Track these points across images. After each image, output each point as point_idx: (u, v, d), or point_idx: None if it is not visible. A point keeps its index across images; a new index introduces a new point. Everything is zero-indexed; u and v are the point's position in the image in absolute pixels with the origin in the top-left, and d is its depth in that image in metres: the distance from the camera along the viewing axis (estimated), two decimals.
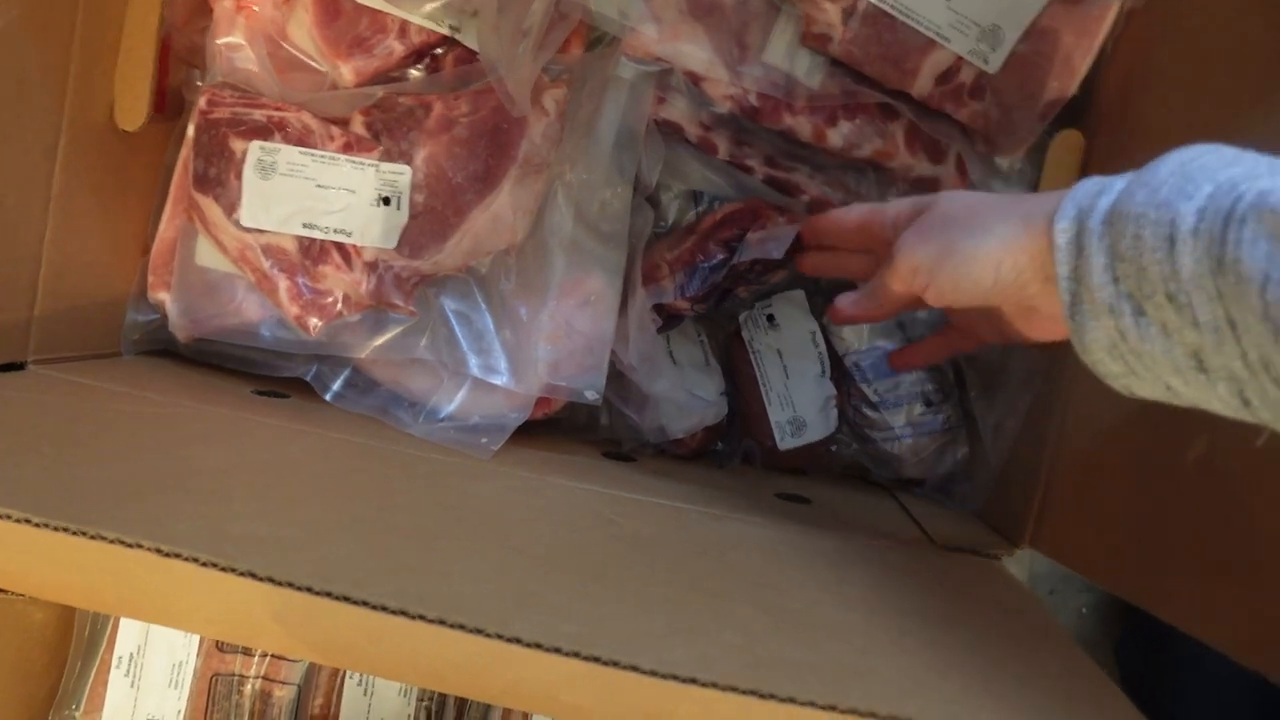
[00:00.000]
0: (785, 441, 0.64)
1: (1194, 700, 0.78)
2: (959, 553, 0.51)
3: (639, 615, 0.36)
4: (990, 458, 0.57)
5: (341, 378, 0.59)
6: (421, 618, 0.32)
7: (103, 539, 0.33)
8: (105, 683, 0.60)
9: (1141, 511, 0.44)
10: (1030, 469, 0.52)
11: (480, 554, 0.39)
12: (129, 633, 0.60)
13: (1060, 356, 0.53)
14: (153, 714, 0.60)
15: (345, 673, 0.64)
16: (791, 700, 0.32)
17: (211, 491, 0.39)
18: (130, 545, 0.32)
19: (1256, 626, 0.37)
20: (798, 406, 0.64)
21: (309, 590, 0.32)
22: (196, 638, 0.60)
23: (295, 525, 0.37)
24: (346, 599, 0.32)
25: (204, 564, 0.32)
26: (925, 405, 0.63)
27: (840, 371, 0.64)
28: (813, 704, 0.32)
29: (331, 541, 0.37)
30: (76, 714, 0.60)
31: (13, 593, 0.54)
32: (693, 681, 0.32)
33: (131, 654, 0.60)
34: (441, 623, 0.32)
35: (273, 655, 0.61)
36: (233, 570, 0.32)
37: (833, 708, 0.32)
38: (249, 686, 0.60)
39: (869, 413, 0.64)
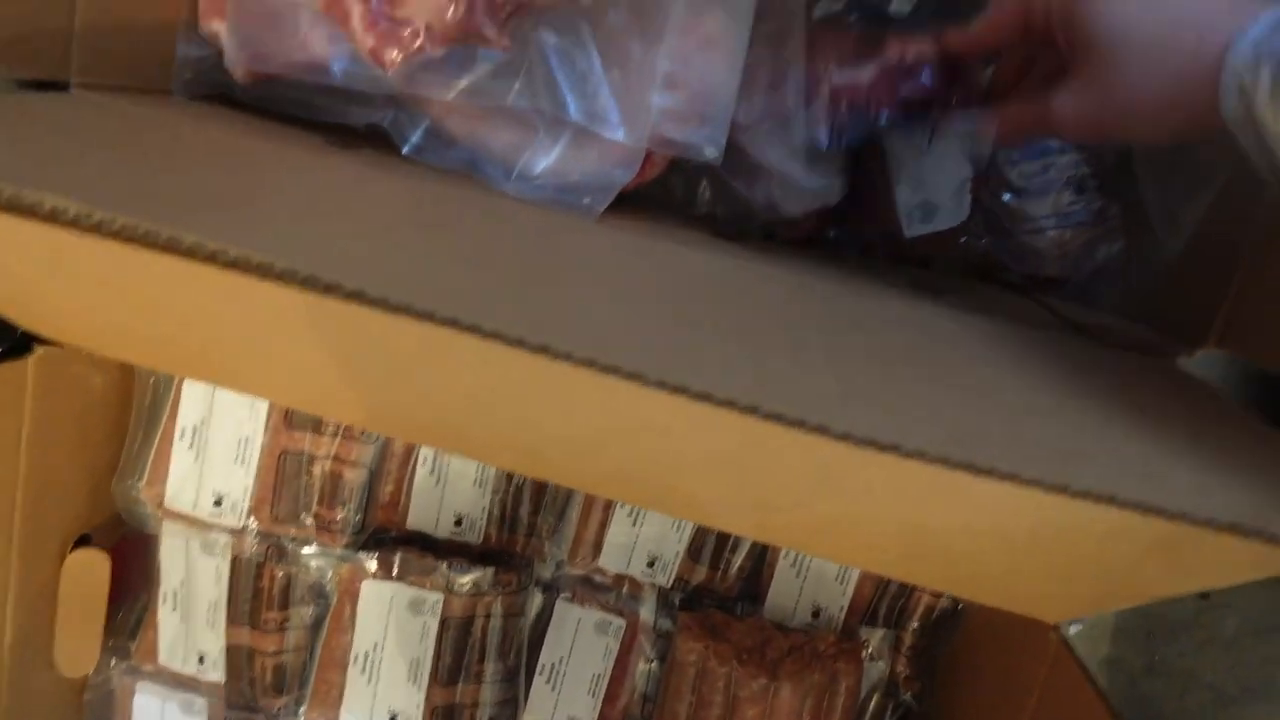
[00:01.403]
0: (913, 228, 0.56)
1: None
2: (1127, 350, 0.44)
3: (806, 376, 0.30)
4: (1165, 248, 0.49)
5: (421, 129, 0.52)
6: (568, 356, 0.26)
7: (177, 247, 0.26)
8: (168, 455, 0.56)
9: None
10: (1221, 257, 0.45)
11: (611, 303, 0.33)
12: (192, 402, 0.56)
13: None
14: (219, 489, 0.57)
15: (417, 460, 0.60)
16: (1014, 477, 0.26)
17: (298, 211, 0.33)
18: (212, 255, 0.26)
19: None
20: (930, 189, 0.56)
21: (430, 318, 0.26)
22: (263, 411, 0.56)
23: (396, 250, 0.31)
24: (476, 329, 0.26)
25: (303, 281, 0.26)
26: (1076, 192, 0.55)
27: None
28: (1039, 482, 0.26)
29: (441, 269, 0.31)
30: (139, 485, 0.57)
31: (68, 346, 0.49)
32: (894, 449, 0.26)
33: (195, 426, 0.56)
34: (592, 364, 0.26)
35: (343, 435, 0.56)
36: (339, 289, 0.26)
37: (1063, 488, 0.26)
38: (319, 467, 0.57)
39: (1009, 199, 0.56)
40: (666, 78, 0.47)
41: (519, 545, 0.61)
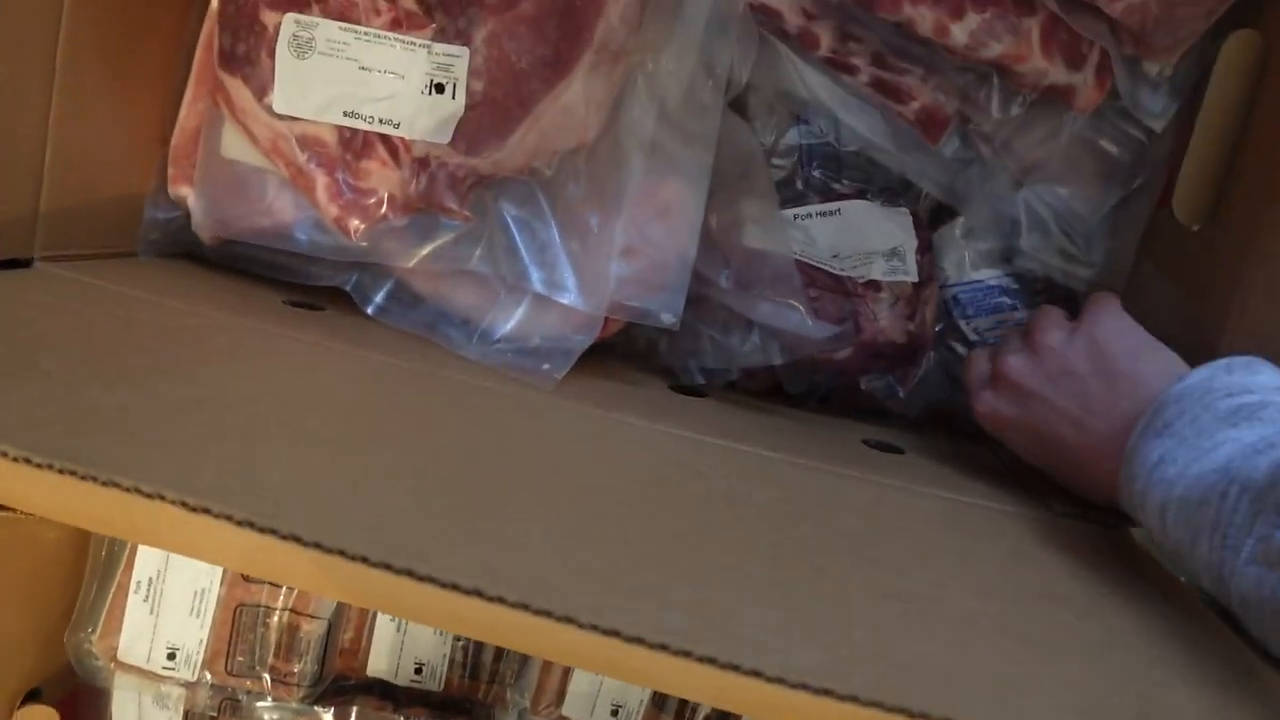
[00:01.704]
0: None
1: None
2: (1079, 521, 0.45)
3: (749, 603, 0.30)
4: None
5: (384, 289, 0.52)
6: (501, 600, 0.26)
7: (117, 486, 0.27)
8: (123, 607, 0.56)
9: None
10: None
11: (557, 517, 0.33)
12: (148, 557, 0.55)
13: (1215, 317, 0.46)
14: (173, 642, 0.56)
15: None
16: None
17: (240, 429, 0.33)
18: (150, 496, 0.27)
19: None
20: None
21: (364, 560, 0.26)
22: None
23: (338, 473, 0.32)
24: (410, 573, 0.26)
25: (239, 522, 0.26)
26: None
27: None
28: None
29: (382, 496, 0.31)
30: (93, 637, 0.56)
31: (22, 512, 0.49)
32: (828, 694, 0.26)
33: (151, 579, 0.55)
34: (525, 607, 0.26)
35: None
36: (274, 532, 0.26)
37: None
38: (276, 618, 0.56)
39: (964, 353, 0.58)
40: (625, 248, 0.48)
41: (481, 692, 0.60)
